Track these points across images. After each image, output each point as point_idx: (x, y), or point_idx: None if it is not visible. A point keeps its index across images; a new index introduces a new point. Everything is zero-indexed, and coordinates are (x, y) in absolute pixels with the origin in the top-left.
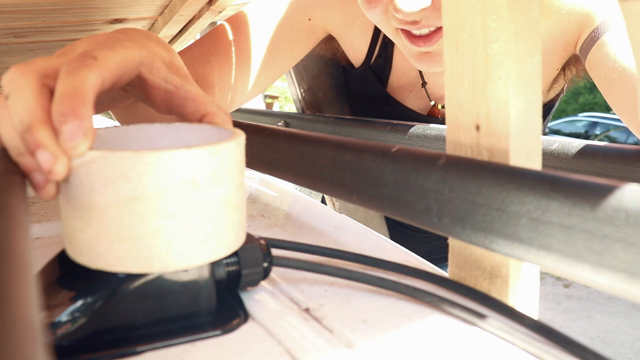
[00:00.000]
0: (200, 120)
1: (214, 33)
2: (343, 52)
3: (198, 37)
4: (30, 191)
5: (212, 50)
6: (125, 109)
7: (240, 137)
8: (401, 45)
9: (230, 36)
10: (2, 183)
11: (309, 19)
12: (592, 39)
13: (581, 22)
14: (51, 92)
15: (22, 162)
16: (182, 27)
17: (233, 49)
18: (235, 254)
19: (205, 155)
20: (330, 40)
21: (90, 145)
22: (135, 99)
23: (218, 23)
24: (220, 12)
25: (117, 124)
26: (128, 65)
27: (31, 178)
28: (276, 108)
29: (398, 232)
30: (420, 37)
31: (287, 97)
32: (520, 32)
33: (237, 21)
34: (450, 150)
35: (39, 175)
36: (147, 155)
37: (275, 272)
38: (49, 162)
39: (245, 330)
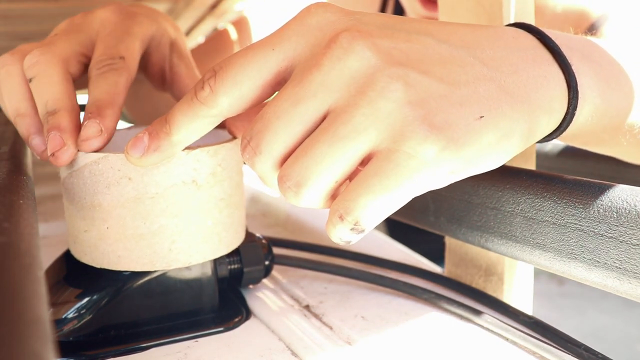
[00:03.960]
0: None
1: (219, 34)
2: None
3: (200, 39)
4: (35, 192)
5: (217, 48)
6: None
7: (239, 138)
8: (411, 9)
9: (234, 36)
10: (11, 183)
11: None
12: (589, 34)
13: (577, 18)
14: (72, 77)
15: (19, 123)
16: (185, 31)
17: (237, 47)
18: (237, 252)
19: (205, 156)
20: None
21: (104, 144)
22: (138, 79)
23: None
24: (223, 16)
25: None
26: (143, 45)
27: (30, 140)
28: None
29: (397, 231)
30: (432, 1)
31: None
32: None
33: (240, 23)
34: None
35: (37, 138)
36: None
37: (277, 269)
38: (57, 146)
39: (247, 327)
